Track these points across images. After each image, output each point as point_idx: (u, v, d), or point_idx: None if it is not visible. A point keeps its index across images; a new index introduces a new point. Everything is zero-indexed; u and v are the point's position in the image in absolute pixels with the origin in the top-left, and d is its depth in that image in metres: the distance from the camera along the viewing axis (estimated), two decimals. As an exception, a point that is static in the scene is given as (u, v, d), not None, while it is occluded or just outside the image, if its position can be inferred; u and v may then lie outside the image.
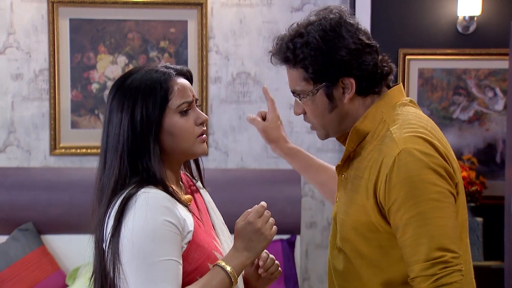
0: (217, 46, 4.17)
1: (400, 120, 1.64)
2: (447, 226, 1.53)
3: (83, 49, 4.12)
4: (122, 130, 1.61)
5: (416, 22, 4.07)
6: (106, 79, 4.15)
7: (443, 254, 1.51)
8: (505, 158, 3.85)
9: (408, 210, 1.53)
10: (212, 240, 1.67)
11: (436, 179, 1.54)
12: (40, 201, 3.92)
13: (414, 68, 4.07)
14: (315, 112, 1.68)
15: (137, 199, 1.54)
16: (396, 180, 1.55)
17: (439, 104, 4.10)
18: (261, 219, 1.61)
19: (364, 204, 1.62)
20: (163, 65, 1.68)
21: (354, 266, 1.69)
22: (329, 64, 1.62)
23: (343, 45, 1.62)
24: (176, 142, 1.64)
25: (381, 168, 1.58)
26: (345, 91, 1.65)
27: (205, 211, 1.77)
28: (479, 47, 4.06)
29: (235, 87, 4.20)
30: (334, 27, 1.63)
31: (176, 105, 1.63)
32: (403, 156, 1.55)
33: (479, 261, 3.92)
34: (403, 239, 1.55)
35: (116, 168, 1.60)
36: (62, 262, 3.90)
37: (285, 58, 1.68)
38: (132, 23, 4.13)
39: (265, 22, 4.17)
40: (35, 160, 4.14)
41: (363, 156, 1.66)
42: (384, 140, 1.61)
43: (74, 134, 4.15)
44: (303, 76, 1.66)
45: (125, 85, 1.63)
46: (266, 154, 4.20)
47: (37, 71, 4.12)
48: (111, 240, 1.55)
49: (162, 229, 1.53)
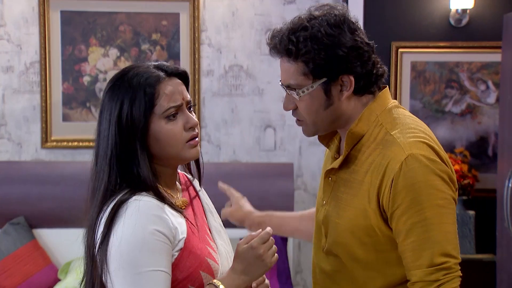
0: (209, 39, 4.15)
1: (399, 124, 1.64)
2: (450, 232, 1.55)
3: (74, 41, 4.09)
4: (110, 134, 1.57)
5: (409, 15, 4.06)
6: (97, 71, 4.13)
7: (446, 260, 1.53)
8: (497, 151, 3.86)
9: (413, 215, 1.54)
10: (206, 246, 1.63)
11: (442, 185, 1.56)
12: (32, 195, 3.90)
13: (407, 61, 4.07)
14: (309, 108, 1.65)
15: (128, 207, 1.52)
16: (403, 185, 1.55)
17: (431, 97, 4.10)
18: (264, 246, 1.59)
19: (365, 208, 1.61)
20: (157, 64, 1.63)
21: (347, 269, 1.68)
22: (331, 60, 1.60)
23: (346, 42, 1.60)
24: (163, 148, 1.59)
25: (385, 172, 1.57)
26: (343, 88, 1.64)
27: (202, 214, 1.74)
28: (472, 40, 4.06)
29: (228, 80, 4.18)
30: (338, 23, 1.61)
31: (162, 110, 1.57)
32: (410, 162, 1.55)
33: (471, 254, 3.94)
34: (405, 243, 1.56)
35: (106, 172, 1.57)
36: (54, 256, 3.89)
37: (287, 51, 1.63)
38: (123, 15, 4.11)
39: (257, 14, 4.15)
40: (26, 153, 4.11)
41: (361, 160, 1.64)
42: (387, 145, 1.61)
43: (65, 127, 4.13)
44: (303, 70, 1.62)
45: (116, 86, 1.59)
46: (258, 147, 4.20)
47: (28, 63, 4.10)
48: (100, 246, 1.52)
49: (151, 239, 1.50)
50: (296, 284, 4.19)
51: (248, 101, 4.19)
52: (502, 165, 3.53)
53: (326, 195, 1.73)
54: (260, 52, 4.16)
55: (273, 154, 4.20)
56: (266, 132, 4.21)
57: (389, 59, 4.02)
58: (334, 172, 1.71)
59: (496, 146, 3.99)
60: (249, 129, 4.20)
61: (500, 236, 3.55)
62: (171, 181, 1.67)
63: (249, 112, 4.19)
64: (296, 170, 4.18)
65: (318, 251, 1.77)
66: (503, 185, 3.39)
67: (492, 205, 3.69)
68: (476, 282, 3.73)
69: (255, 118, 4.20)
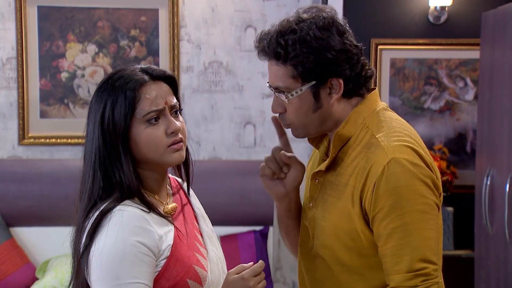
0: (188, 35, 4.12)
1: (385, 128, 1.62)
2: (431, 238, 1.54)
3: (52, 37, 4.04)
4: (94, 137, 1.56)
5: (388, 12, 4.07)
6: (75, 67, 4.08)
7: (425, 266, 1.52)
8: (475, 148, 3.88)
9: (394, 220, 1.53)
10: (195, 253, 1.61)
11: (424, 190, 1.54)
12: (9, 193, 3.85)
13: (386, 58, 4.08)
14: (298, 111, 1.63)
15: (111, 217, 1.50)
16: (384, 189, 1.53)
17: (410, 94, 4.11)
18: (255, 279, 1.58)
19: (349, 211, 1.60)
20: (144, 67, 1.61)
21: (333, 273, 1.67)
22: (320, 63, 1.58)
23: (335, 45, 1.59)
24: (144, 153, 1.57)
25: (368, 175, 1.56)
26: (332, 91, 1.62)
27: (193, 219, 1.71)
28: (450, 37, 4.08)
29: (207, 76, 4.16)
30: (327, 26, 1.60)
31: (142, 114, 1.55)
32: (392, 166, 1.54)
33: (450, 250, 3.97)
34: (385, 247, 1.55)
35: (91, 176, 1.56)
36: (32, 255, 3.85)
37: (275, 54, 1.61)
38: (101, 11, 4.07)
39: (237, 10, 4.13)
40: (3, 150, 4.06)
41: (347, 162, 1.63)
42: (371, 148, 1.59)
43: (43, 123, 4.08)
44: (292, 74, 1.60)
45: (101, 90, 1.58)
46: (238, 144, 4.18)
47: (4, 59, 4.04)
48: (83, 255, 1.52)
49: (133, 251, 1.48)
50: (276, 281, 4.19)
51: (228, 98, 4.17)
52: (480, 162, 3.56)
53: (313, 198, 1.72)
54: (240, 49, 4.14)
55: (253, 150, 4.18)
56: (246, 128, 4.20)
57: (369, 56, 4.03)
58: (321, 174, 1.69)
59: (474, 143, 4.01)
60: (229, 126, 4.19)
61: (478, 233, 3.57)
62: (159, 186, 1.65)
63: (229, 108, 4.18)
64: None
65: (305, 252, 1.76)
66: (481, 182, 3.41)
67: (471, 201, 3.71)
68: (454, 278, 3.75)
69: (235, 114, 4.19)
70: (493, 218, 3.32)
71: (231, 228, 3.88)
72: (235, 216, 3.94)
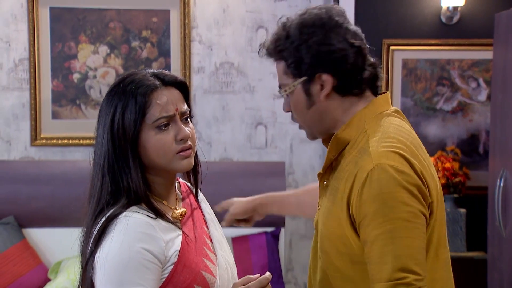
0: (200, 36, 4.13)
1: (380, 133, 1.60)
2: (413, 247, 1.49)
3: (64, 38, 4.06)
4: (104, 141, 1.55)
5: (400, 13, 4.06)
6: (87, 69, 4.09)
7: (405, 275, 1.47)
8: (488, 149, 3.86)
9: (377, 227, 1.50)
10: (203, 258, 1.60)
11: (408, 198, 1.50)
12: (21, 194, 3.86)
13: (398, 58, 4.06)
14: (296, 109, 1.67)
15: (117, 223, 1.49)
16: (367, 195, 1.51)
17: (422, 94, 4.09)
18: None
19: (339, 216, 1.59)
20: (156, 72, 1.60)
21: (328, 278, 1.66)
22: (305, 58, 1.61)
23: (317, 41, 1.60)
24: (152, 158, 1.56)
25: (354, 181, 1.55)
26: (323, 87, 1.63)
27: (202, 224, 1.70)
28: (463, 37, 4.06)
29: (218, 77, 4.16)
30: (313, 22, 1.62)
31: (153, 119, 1.54)
32: (376, 172, 1.51)
33: (462, 252, 3.94)
34: (370, 255, 1.52)
35: (100, 180, 1.55)
36: (44, 256, 3.86)
37: (267, 51, 1.69)
38: (113, 12, 4.08)
39: (248, 11, 4.13)
40: (16, 151, 4.08)
41: (342, 166, 1.62)
42: (361, 152, 1.58)
43: (55, 124, 4.10)
44: (284, 69, 1.65)
45: (112, 93, 1.57)
46: (249, 144, 4.18)
47: (17, 60, 4.06)
48: (88, 261, 1.51)
49: (137, 258, 1.47)
50: (287, 282, 4.19)
51: (239, 99, 4.17)
52: (493, 163, 3.53)
53: (320, 200, 1.72)
54: (251, 49, 4.14)
55: (264, 151, 4.18)
56: (257, 129, 4.20)
57: (381, 57, 4.01)
58: (326, 177, 1.69)
59: (487, 144, 3.99)
60: (240, 127, 4.19)
61: (491, 234, 3.55)
62: (167, 191, 1.64)
63: (240, 109, 4.18)
64: (287, 168, 4.16)
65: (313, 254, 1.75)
66: (494, 183, 3.39)
67: (483, 202, 3.69)
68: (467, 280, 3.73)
69: (246, 115, 4.18)
70: (507, 220, 3.29)
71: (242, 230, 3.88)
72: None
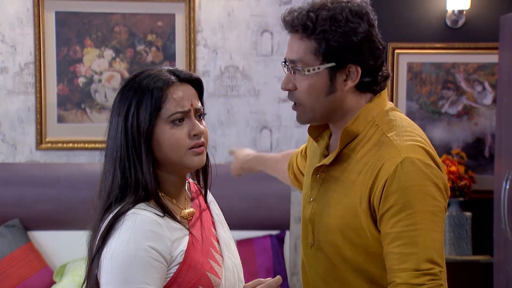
0: (205, 40, 4.13)
1: (396, 127, 1.62)
2: (437, 240, 1.54)
3: (69, 42, 4.07)
4: (117, 135, 1.55)
5: (405, 16, 4.06)
6: (92, 72, 4.10)
7: (432, 266, 1.52)
8: (493, 152, 3.85)
9: (404, 219, 1.53)
10: (209, 259, 1.59)
11: (435, 193, 1.55)
12: (27, 197, 3.87)
13: (403, 62, 4.06)
14: (310, 91, 1.62)
15: (124, 220, 1.49)
16: (396, 188, 1.53)
17: (428, 98, 4.09)
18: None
19: (355, 208, 1.59)
20: (171, 69, 1.61)
21: (336, 269, 1.67)
22: (345, 45, 1.59)
23: (363, 32, 1.60)
24: (165, 153, 1.56)
25: (379, 173, 1.56)
26: (348, 78, 1.62)
27: (210, 225, 1.69)
28: (468, 41, 4.05)
29: (223, 81, 4.16)
30: (360, 13, 1.61)
31: (168, 114, 1.54)
32: (406, 165, 1.54)
33: (468, 255, 3.93)
34: (392, 246, 1.54)
35: (111, 174, 1.55)
36: (49, 259, 3.86)
37: (303, 26, 1.60)
38: (118, 16, 4.09)
39: (253, 15, 4.14)
40: (21, 155, 4.09)
41: (355, 159, 1.62)
42: (383, 146, 1.59)
43: (60, 128, 4.11)
44: (314, 50, 1.60)
45: (127, 87, 1.58)
46: (254, 148, 4.17)
47: (23, 64, 4.07)
48: (95, 257, 1.51)
49: (144, 255, 1.46)
50: (292, 286, 4.17)
51: (244, 102, 4.17)
52: (499, 166, 3.53)
53: (314, 193, 1.71)
54: (256, 53, 4.14)
55: (269, 155, 4.17)
56: (262, 133, 4.20)
57: (386, 60, 4.01)
58: (324, 169, 1.69)
59: (493, 147, 3.98)
60: (245, 130, 4.19)
61: (497, 237, 3.54)
62: (177, 190, 1.64)
63: (245, 113, 4.18)
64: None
65: (306, 248, 1.76)
66: (500, 186, 3.38)
67: (489, 206, 3.68)
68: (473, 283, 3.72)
69: (251, 119, 4.18)
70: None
71: (247, 233, 3.88)
72: (251, 221, 3.94)
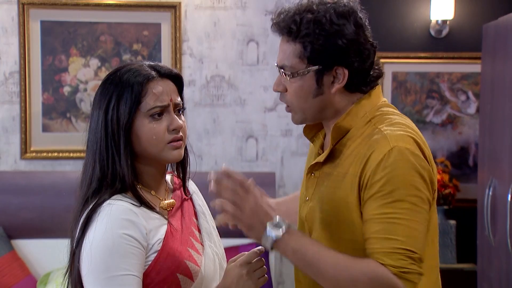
0: (191, 49, 4.14)
1: (388, 119, 1.63)
2: (417, 230, 1.53)
3: (55, 51, 4.06)
4: (97, 128, 1.59)
5: (390, 26, 4.09)
6: (78, 82, 4.10)
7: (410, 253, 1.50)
8: (477, 161, 3.88)
9: (384, 206, 1.52)
10: (188, 248, 1.62)
11: (419, 184, 1.54)
12: (10, 205, 3.85)
13: (388, 71, 4.09)
14: (298, 93, 1.63)
15: (100, 211, 1.53)
16: (381, 175, 1.53)
17: (412, 107, 4.12)
18: (249, 265, 1.59)
19: (347, 199, 1.60)
20: (151, 64, 1.64)
21: None
22: (330, 48, 1.58)
23: (348, 34, 1.58)
24: (144, 146, 1.60)
25: (368, 161, 1.56)
26: (335, 80, 1.62)
27: (192, 216, 1.72)
28: (452, 50, 4.09)
29: (209, 90, 4.17)
30: (345, 14, 1.60)
31: (147, 108, 1.58)
32: (393, 154, 1.54)
33: (452, 263, 3.95)
34: (371, 231, 1.53)
35: (91, 167, 1.59)
36: (33, 267, 3.83)
37: (288, 30, 1.61)
38: (104, 25, 4.09)
39: (239, 25, 4.15)
40: (5, 164, 4.07)
41: (346, 154, 1.63)
42: (373, 137, 1.59)
43: (45, 137, 4.09)
44: (299, 53, 1.60)
45: (108, 81, 1.61)
46: (240, 157, 4.18)
47: (7, 73, 4.06)
48: (75, 250, 1.54)
49: (121, 243, 1.50)
50: (278, 295, 4.17)
51: (230, 112, 4.18)
52: (482, 175, 3.55)
53: (310, 191, 1.72)
54: (242, 63, 4.15)
55: (255, 164, 4.19)
56: (248, 142, 4.20)
57: (370, 70, 4.04)
58: (318, 168, 1.69)
59: (477, 156, 4.01)
60: (231, 140, 4.19)
61: (480, 245, 3.56)
62: (156, 182, 1.67)
63: (231, 122, 4.18)
64: (278, 180, 4.17)
65: None
66: (483, 192, 3.41)
67: (473, 215, 3.70)
68: (457, 291, 3.74)
69: (237, 128, 4.19)
70: (496, 229, 3.31)
71: (233, 240, 3.86)
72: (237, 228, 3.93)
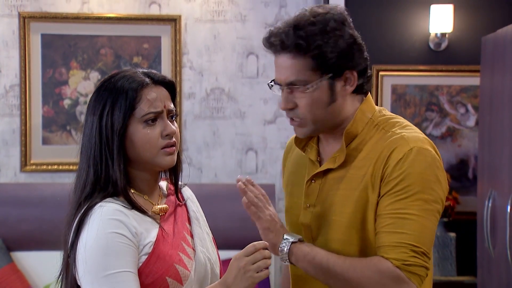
0: (190, 62, 4.15)
1: (398, 124, 1.70)
2: (427, 227, 1.59)
3: (55, 64, 4.08)
4: (92, 133, 1.62)
5: (389, 39, 4.10)
6: (78, 94, 4.11)
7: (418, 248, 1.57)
8: (477, 174, 3.88)
9: (397, 202, 1.58)
10: (179, 252, 1.64)
11: (435, 184, 1.60)
12: (10, 217, 3.85)
13: (387, 84, 4.10)
14: (313, 105, 1.65)
15: (92, 214, 1.56)
16: (398, 173, 1.59)
17: (412, 120, 4.12)
18: (246, 259, 1.58)
19: (367, 199, 1.64)
20: (145, 71, 1.67)
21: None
22: (339, 54, 1.63)
23: (349, 38, 1.65)
24: (138, 152, 1.62)
25: (388, 160, 1.61)
26: (347, 83, 1.67)
27: (185, 221, 1.74)
28: (451, 63, 4.10)
29: (209, 103, 4.18)
30: (343, 19, 1.67)
31: (141, 114, 1.61)
32: (413, 153, 1.60)
33: (452, 276, 3.94)
34: (382, 225, 1.60)
35: (85, 172, 1.62)
36: (32, 280, 3.83)
37: (296, 46, 1.62)
38: (104, 38, 4.10)
39: (239, 38, 4.17)
40: (5, 177, 4.07)
41: (361, 156, 1.67)
42: (390, 138, 1.65)
43: (45, 150, 4.10)
44: (311, 66, 1.63)
45: (102, 88, 1.64)
46: (240, 170, 4.18)
47: (8, 86, 4.07)
48: (70, 253, 1.57)
49: (114, 242, 1.53)
50: (278, 308, 4.16)
51: (230, 124, 4.18)
52: (482, 187, 3.55)
53: (311, 198, 1.73)
54: (242, 75, 4.17)
55: (255, 176, 4.18)
56: (247, 155, 4.21)
57: (370, 82, 4.05)
58: (320, 175, 1.72)
59: (476, 169, 4.01)
60: (231, 152, 4.20)
61: (480, 257, 3.55)
62: (149, 187, 1.69)
63: (231, 135, 4.19)
64: (277, 193, 4.17)
65: None
66: (483, 204, 3.41)
67: (473, 227, 3.70)
68: (457, 304, 3.72)
69: (236, 141, 4.19)
70: (495, 240, 3.30)
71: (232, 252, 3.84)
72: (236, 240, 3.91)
